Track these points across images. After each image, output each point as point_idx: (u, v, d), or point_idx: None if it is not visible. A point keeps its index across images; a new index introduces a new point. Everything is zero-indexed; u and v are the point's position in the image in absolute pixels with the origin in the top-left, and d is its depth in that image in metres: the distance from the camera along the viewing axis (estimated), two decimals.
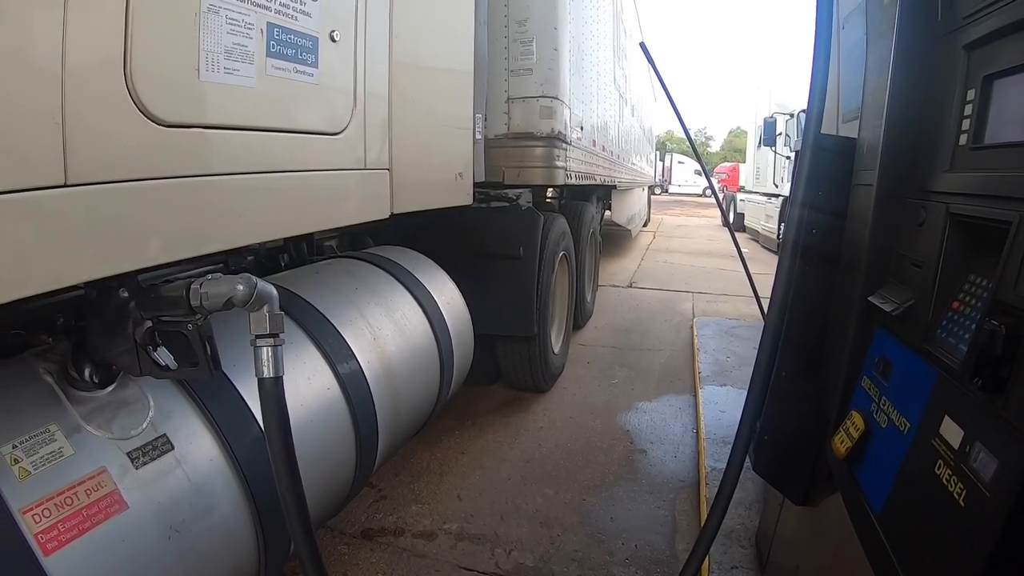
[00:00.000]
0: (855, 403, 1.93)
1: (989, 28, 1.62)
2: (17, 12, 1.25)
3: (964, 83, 1.71)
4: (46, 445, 1.50)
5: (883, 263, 1.97)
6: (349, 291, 2.90)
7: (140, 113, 1.53)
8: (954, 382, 1.43)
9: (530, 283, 4.69)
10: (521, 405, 5.07)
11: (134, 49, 1.50)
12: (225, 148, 1.82)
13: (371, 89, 2.50)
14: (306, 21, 2.07)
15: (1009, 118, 1.52)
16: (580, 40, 5.64)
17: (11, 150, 1.26)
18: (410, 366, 3.01)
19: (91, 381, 1.70)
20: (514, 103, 4.49)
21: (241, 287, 1.60)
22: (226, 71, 1.77)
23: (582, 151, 5.90)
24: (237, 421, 1.94)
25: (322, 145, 2.26)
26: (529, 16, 4.48)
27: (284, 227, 2.20)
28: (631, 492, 3.79)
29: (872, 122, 2.17)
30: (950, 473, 1.35)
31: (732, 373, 5.71)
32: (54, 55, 1.31)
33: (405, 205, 2.85)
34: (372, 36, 2.48)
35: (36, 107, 1.30)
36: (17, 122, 1.26)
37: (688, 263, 13.56)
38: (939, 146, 1.78)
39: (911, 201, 1.85)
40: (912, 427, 1.57)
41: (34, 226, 1.32)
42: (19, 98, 1.26)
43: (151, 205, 1.59)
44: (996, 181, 1.48)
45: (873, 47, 2.35)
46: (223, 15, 1.74)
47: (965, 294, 1.56)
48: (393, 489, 3.73)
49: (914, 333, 1.68)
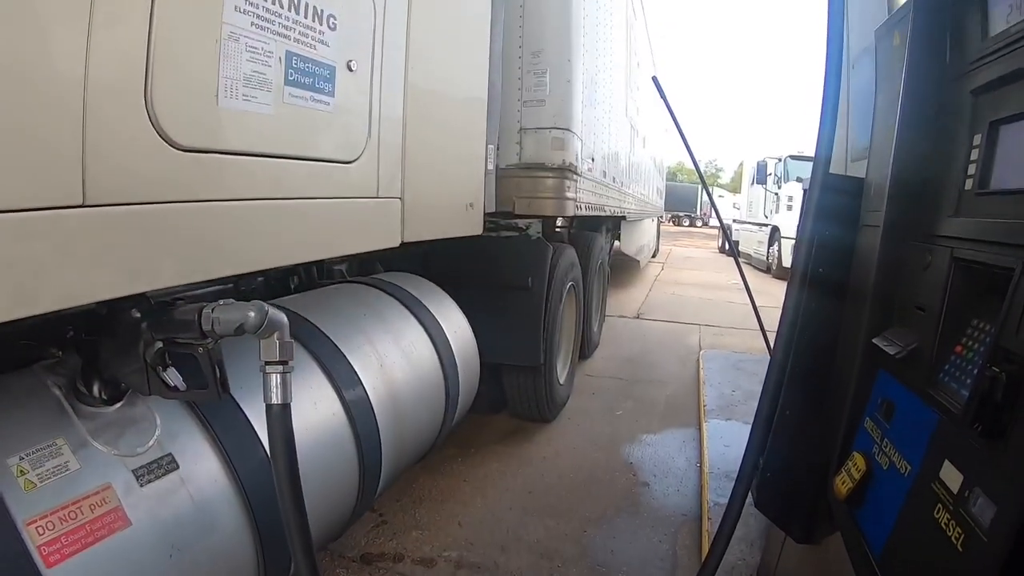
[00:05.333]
0: (857, 444, 1.94)
1: (996, 74, 1.64)
2: (42, 36, 1.28)
3: (971, 128, 1.73)
4: (53, 458, 1.51)
5: (888, 305, 1.98)
6: (357, 317, 2.92)
7: (159, 137, 1.56)
8: (955, 427, 1.44)
9: (538, 313, 4.69)
10: (525, 435, 5.05)
11: (155, 74, 1.53)
12: (241, 173, 1.84)
13: (385, 119, 2.53)
14: (324, 50, 2.10)
15: (1014, 164, 1.53)
16: (593, 72, 5.67)
17: (31, 169, 1.28)
18: (416, 394, 3.02)
19: (99, 397, 1.72)
20: (526, 134, 4.52)
21: (253, 314, 1.61)
22: (244, 98, 1.80)
23: (593, 182, 5.91)
24: (242, 443, 1.95)
25: (336, 173, 2.29)
26: (543, 48, 4.51)
27: (296, 253, 2.22)
28: (633, 525, 3.76)
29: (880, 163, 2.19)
30: (949, 517, 1.35)
31: (737, 407, 5.68)
32: (77, 78, 1.34)
33: (416, 234, 2.87)
34: (388, 66, 2.51)
35: (58, 128, 1.32)
36: (39, 142, 1.29)
37: (696, 295, 13.55)
38: (945, 190, 1.80)
39: (917, 244, 1.86)
40: (913, 470, 1.58)
41: (52, 244, 1.34)
42: (41, 119, 1.29)
43: (167, 228, 1.62)
44: (1001, 227, 1.49)
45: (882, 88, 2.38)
46: (243, 43, 1.77)
47: (968, 339, 1.57)
48: (394, 514, 3.72)
49: (917, 376, 1.69)
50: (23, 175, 1.27)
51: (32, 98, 1.27)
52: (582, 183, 5.25)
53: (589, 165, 5.60)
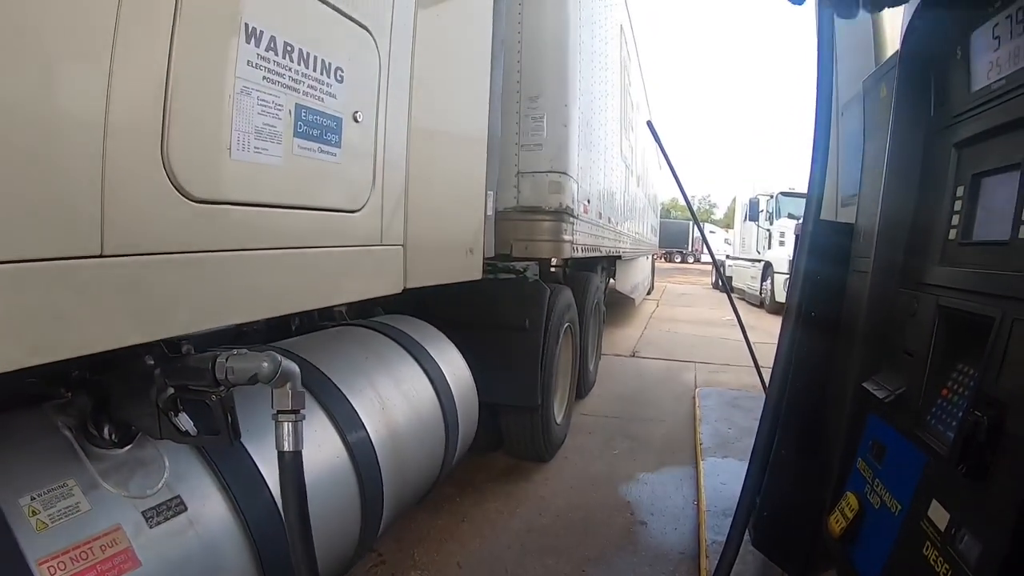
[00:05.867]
0: (851, 484, 1.98)
1: (978, 128, 1.70)
2: (64, 92, 1.32)
3: (955, 179, 1.79)
4: (63, 499, 1.52)
5: (877, 349, 2.02)
6: (359, 360, 2.95)
7: (174, 189, 1.59)
8: (941, 468, 1.49)
9: (535, 355, 4.72)
10: (523, 474, 5.05)
11: (171, 127, 1.56)
12: (251, 224, 1.88)
13: (390, 167, 2.58)
14: (332, 102, 2.15)
15: (995, 216, 1.59)
16: (589, 115, 5.77)
17: (52, 220, 1.32)
18: (416, 435, 3.04)
19: (110, 439, 1.73)
20: (523, 177, 4.58)
21: (267, 365, 1.65)
22: (256, 150, 1.84)
23: (588, 224, 5.98)
24: (248, 486, 1.97)
25: (342, 222, 2.33)
26: (541, 93, 4.59)
27: (303, 301, 2.25)
28: (631, 564, 3.76)
29: (869, 209, 2.24)
30: (937, 555, 1.40)
31: (734, 444, 5.69)
32: (96, 131, 1.38)
33: (418, 280, 2.91)
34: (392, 116, 2.56)
35: (77, 180, 1.36)
36: (59, 194, 1.33)
37: (691, 332, 13.57)
38: (931, 239, 1.85)
39: (904, 291, 1.92)
40: (903, 509, 1.62)
41: (70, 293, 1.36)
42: (62, 171, 1.33)
43: (180, 277, 1.64)
44: (982, 277, 1.55)
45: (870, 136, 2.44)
46: (255, 96, 1.82)
47: (953, 382, 1.62)
48: (393, 554, 3.72)
49: (905, 419, 1.74)
50: (45, 226, 1.30)
51: (53, 151, 1.31)
52: (578, 225, 5.31)
53: (585, 207, 5.67)
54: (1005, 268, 1.46)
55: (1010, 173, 1.51)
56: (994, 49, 1.63)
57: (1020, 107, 1.50)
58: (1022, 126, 1.51)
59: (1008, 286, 1.42)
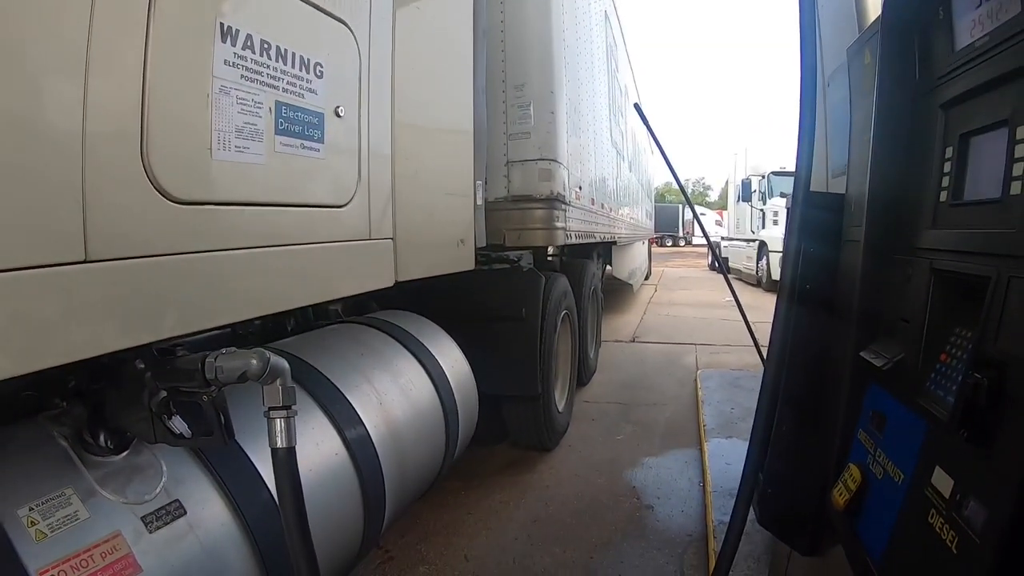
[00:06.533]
0: (853, 456, 1.96)
1: (962, 88, 1.68)
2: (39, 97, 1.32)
3: (943, 141, 1.77)
4: (62, 508, 1.52)
5: (873, 318, 2.01)
6: (355, 357, 2.94)
7: (156, 191, 1.59)
8: (943, 433, 1.47)
9: (533, 343, 4.72)
10: (527, 464, 5.06)
11: (150, 130, 1.56)
12: (236, 223, 1.87)
13: (375, 161, 2.57)
14: (312, 98, 2.14)
15: (985, 175, 1.57)
16: (577, 102, 5.75)
17: (35, 228, 1.31)
18: (416, 430, 3.04)
19: (106, 446, 1.73)
20: (513, 166, 4.57)
21: (255, 362, 1.65)
22: (237, 149, 1.83)
23: (581, 210, 5.98)
24: (248, 487, 1.97)
25: (328, 217, 2.32)
26: (526, 81, 4.58)
27: (293, 298, 2.24)
28: (639, 548, 3.77)
29: (859, 179, 2.22)
30: (942, 522, 1.38)
31: (737, 425, 5.69)
32: (74, 137, 1.37)
33: (409, 273, 2.91)
34: (375, 109, 2.55)
35: (59, 187, 1.35)
36: (41, 202, 1.32)
37: (690, 315, 13.57)
38: (922, 203, 1.84)
39: (897, 258, 1.90)
40: (906, 478, 1.61)
41: (56, 300, 1.36)
42: (42, 179, 1.32)
43: (166, 280, 1.64)
44: (975, 237, 1.54)
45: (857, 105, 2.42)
46: (234, 95, 1.81)
47: (952, 347, 1.60)
48: (400, 550, 3.72)
49: (905, 387, 1.72)
50: (27, 234, 1.30)
51: (32, 159, 1.30)
52: (571, 212, 5.31)
53: (577, 193, 5.66)
54: (998, 226, 1.44)
55: (998, 130, 1.50)
56: (976, 6, 1.61)
57: (1004, 63, 1.49)
58: (1007, 82, 1.49)
59: (1002, 244, 1.40)
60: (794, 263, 2.35)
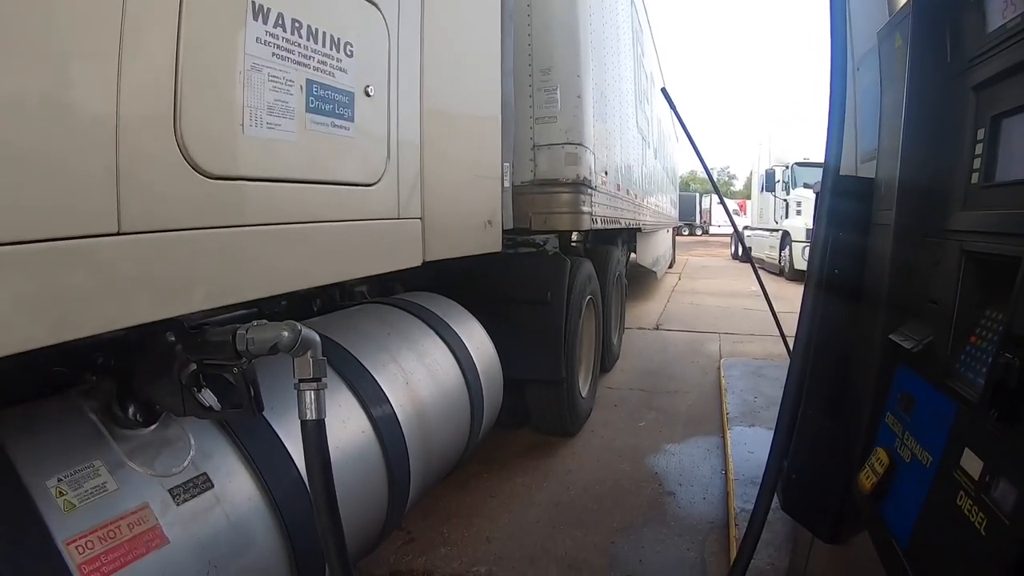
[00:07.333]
0: (880, 439, 1.96)
1: (995, 69, 1.67)
2: (75, 72, 1.33)
3: (974, 123, 1.76)
4: (91, 480, 1.53)
5: (902, 301, 2.00)
6: (382, 336, 2.94)
7: (188, 166, 1.60)
8: (973, 415, 1.46)
9: (558, 327, 4.71)
10: (549, 449, 5.06)
11: (183, 105, 1.57)
12: (267, 199, 1.89)
13: (404, 141, 2.57)
14: (342, 77, 2.15)
15: (1017, 156, 1.56)
16: (603, 86, 5.73)
17: (69, 200, 1.32)
18: (441, 411, 3.04)
19: (135, 419, 1.74)
20: (539, 150, 4.57)
21: (287, 334, 1.65)
22: (268, 126, 1.84)
23: (607, 195, 5.96)
24: (275, 461, 1.97)
25: (358, 196, 2.33)
26: (553, 65, 4.57)
27: (322, 275, 2.25)
28: (660, 534, 3.77)
29: (889, 163, 2.21)
30: (971, 504, 1.38)
31: (760, 413, 5.67)
32: (109, 111, 1.39)
33: (437, 253, 2.91)
34: (404, 89, 2.56)
35: (93, 160, 1.37)
36: (76, 174, 1.33)
37: (713, 304, 13.51)
38: (953, 185, 1.82)
39: (928, 240, 1.89)
40: (934, 460, 1.60)
41: (89, 272, 1.38)
42: (77, 151, 1.34)
43: (197, 253, 1.66)
44: (1007, 218, 1.52)
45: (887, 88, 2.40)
46: (265, 73, 1.82)
47: (982, 328, 1.59)
48: (422, 531, 3.74)
49: (934, 369, 1.71)
50: (62, 206, 1.31)
51: (68, 132, 1.32)
52: (597, 197, 5.29)
53: (603, 178, 5.64)
54: None
55: None
56: None
57: None
58: None
59: None
60: (823, 248, 2.34)
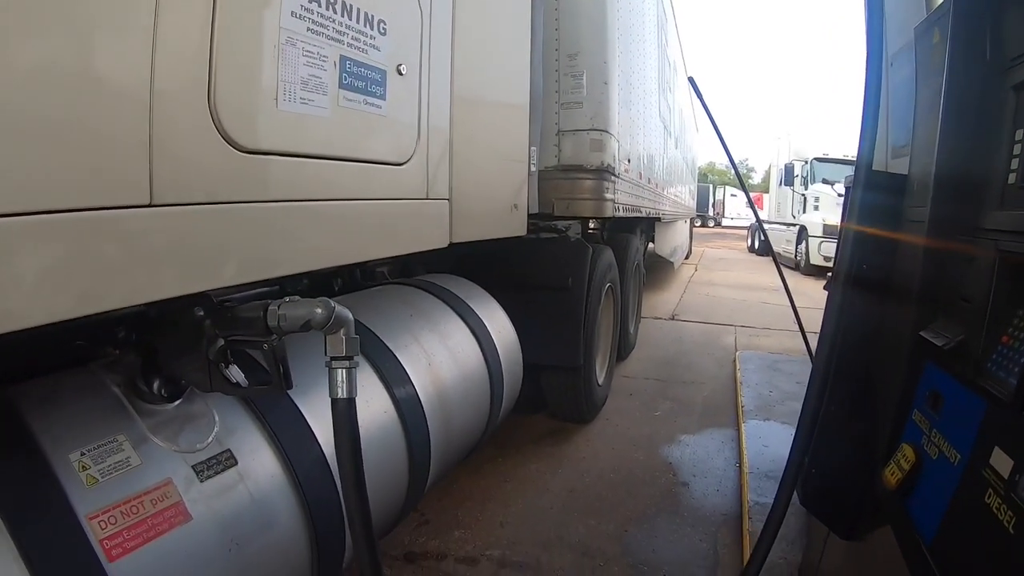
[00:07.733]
0: (906, 436, 1.94)
1: None
2: (110, 44, 1.33)
3: (1013, 123, 1.74)
4: (114, 454, 1.53)
5: (933, 298, 1.99)
6: (404, 317, 2.94)
7: (222, 139, 1.60)
8: (1004, 413, 1.45)
9: (578, 314, 4.69)
10: (564, 435, 5.06)
11: (218, 78, 1.57)
12: (298, 175, 1.88)
13: (434, 121, 2.57)
14: (375, 55, 2.15)
15: None
16: (628, 74, 5.70)
17: (102, 170, 1.33)
18: (462, 393, 3.04)
19: (159, 394, 1.74)
20: (564, 136, 4.56)
21: (320, 311, 1.64)
22: (302, 101, 1.84)
23: (629, 183, 5.95)
24: (298, 439, 1.97)
25: (387, 175, 2.33)
26: (579, 50, 4.55)
27: (351, 253, 2.26)
28: (673, 524, 3.77)
29: (923, 159, 2.19)
30: (1000, 502, 1.37)
31: (775, 408, 5.64)
32: (143, 82, 1.39)
33: (464, 235, 2.91)
34: (435, 70, 2.56)
35: (126, 131, 1.37)
36: (109, 144, 1.34)
37: (730, 296, 13.48)
38: (989, 184, 1.80)
39: (962, 238, 1.87)
40: (962, 458, 1.59)
41: (119, 243, 1.38)
42: (111, 122, 1.34)
43: (228, 228, 1.66)
44: None
45: (923, 84, 2.38)
46: (300, 47, 1.82)
47: (1015, 328, 1.58)
48: (436, 514, 3.75)
49: (964, 367, 1.70)
50: (95, 176, 1.31)
51: (102, 102, 1.32)
52: (619, 184, 5.29)
53: (626, 166, 5.63)
54: None
55: None
56: None
57: None
58: None
59: None
60: (852, 243, 2.32)
